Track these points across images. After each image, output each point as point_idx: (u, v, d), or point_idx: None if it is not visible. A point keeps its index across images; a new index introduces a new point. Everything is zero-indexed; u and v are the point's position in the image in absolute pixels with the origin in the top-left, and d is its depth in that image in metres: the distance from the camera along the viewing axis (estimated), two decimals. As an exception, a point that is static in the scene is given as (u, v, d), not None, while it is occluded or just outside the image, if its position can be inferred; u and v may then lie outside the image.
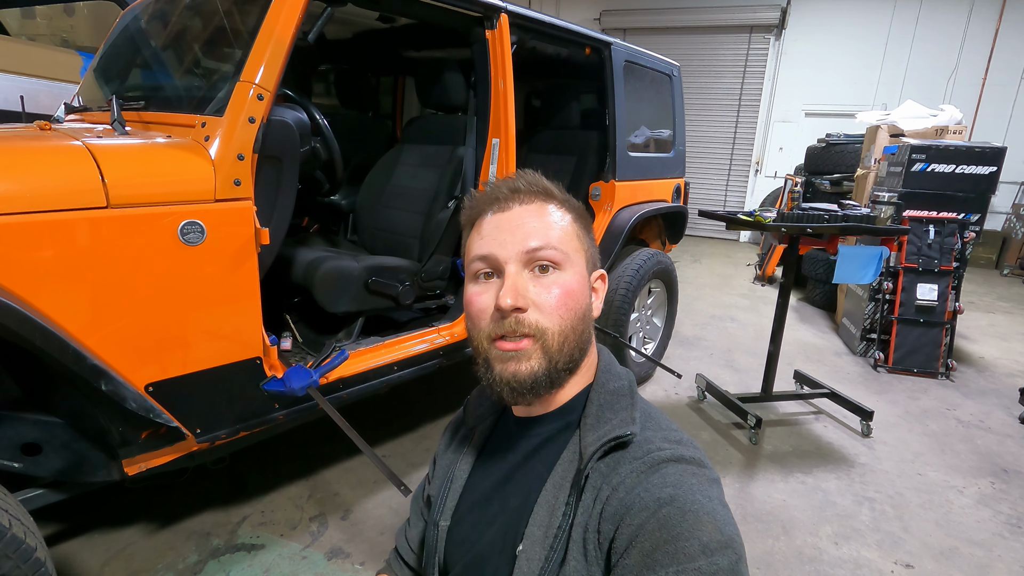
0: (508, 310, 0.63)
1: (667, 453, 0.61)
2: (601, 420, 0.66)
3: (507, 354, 0.65)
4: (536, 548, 0.63)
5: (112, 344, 1.15)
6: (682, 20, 7.91)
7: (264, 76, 1.34)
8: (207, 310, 1.30)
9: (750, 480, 2.11)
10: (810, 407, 2.78)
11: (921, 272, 3.26)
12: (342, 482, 1.98)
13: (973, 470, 2.27)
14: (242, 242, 1.32)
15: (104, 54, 1.93)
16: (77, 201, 1.08)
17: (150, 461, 1.31)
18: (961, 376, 3.26)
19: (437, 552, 0.75)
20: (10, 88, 2.42)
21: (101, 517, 1.73)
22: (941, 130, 3.75)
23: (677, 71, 3.10)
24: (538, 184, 0.71)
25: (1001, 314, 4.74)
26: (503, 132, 2.01)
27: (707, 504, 0.55)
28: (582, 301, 0.68)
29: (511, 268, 0.65)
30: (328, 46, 2.77)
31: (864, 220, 2.33)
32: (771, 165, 8.07)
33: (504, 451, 0.76)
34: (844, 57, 7.40)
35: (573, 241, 0.69)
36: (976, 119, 6.92)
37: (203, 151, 1.27)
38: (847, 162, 4.89)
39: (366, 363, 1.73)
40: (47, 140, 1.20)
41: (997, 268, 6.77)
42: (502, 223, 0.68)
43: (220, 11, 1.57)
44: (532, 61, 2.59)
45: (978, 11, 6.73)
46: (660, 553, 0.52)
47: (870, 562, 1.71)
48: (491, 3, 1.90)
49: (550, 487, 0.66)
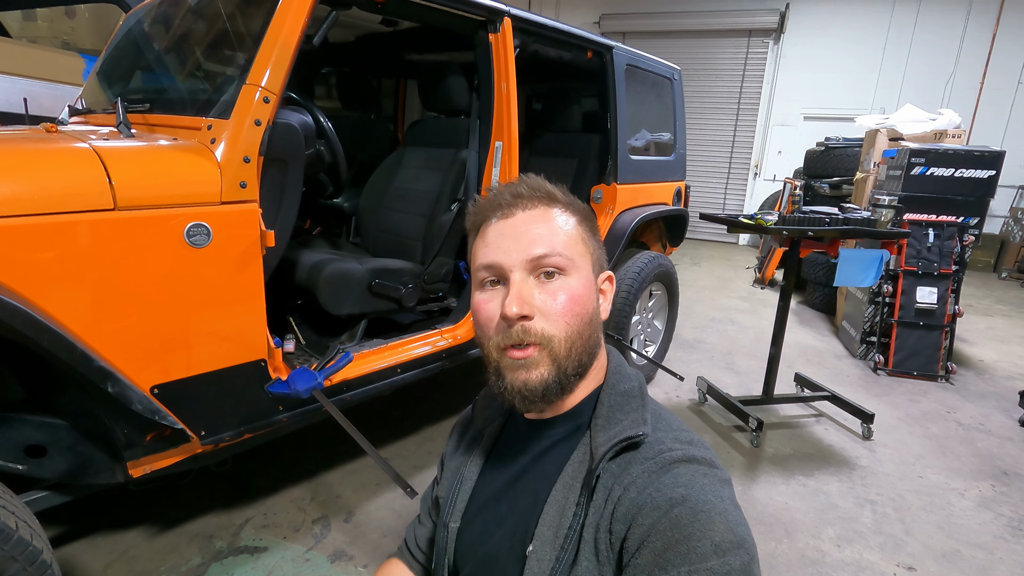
0: (514, 319, 0.64)
1: (678, 453, 0.62)
2: (612, 421, 0.67)
3: (517, 362, 0.65)
4: (547, 548, 0.63)
5: (118, 346, 1.15)
6: (681, 24, 7.94)
7: (270, 79, 1.35)
8: (212, 312, 1.30)
9: (752, 483, 2.12)
10: (811, 410, 2.78)
11: (921, 275, 3.27)
12: (345, 484, 1.98)
13: (974, 473, 2.27)
14: (247, 244, 1.32)
15: (108, 57, 1.93)
16: (84, 203, 1.08)
17: (154, 463, 1.31)
18: (961, 379, 3.27)
19: (447, 553, 0.75)
20: (12, 90, 2.42)
21: (104, 519, 1.73)
22: (940, 134, 3.77)
23: (678, 75, 3.11)
24: (541, 188, 0.70)
25: (1000, 317, 4.76)
26: (506, 135, 2.02)
27: (719, 504, 0.56)
28: (589, 306, 0.68)
29: (516, 276, 0.65)
30: (331, 49, 2.78)
31: (864, 223, 2.34)
32: (770, 168, 8.09)
33: (514, 452, 0.76)
34: (843, 61, 7.44)
35: (578, 245, 0.69)
36: (974, 123, 6.95)
37: (209, 154, 1.28)
38: (846, 165, 4.91)
39: (369, 365, 1.73)
40: (54, 142, 1.20)
41: (995, 271, 6.79)
42: (506, 230, 0.68)
43: (225, 14, 1.58)
44: (534, 64, 2.60)
45: (976, 15, 6.77)
46: (672, 553, 0.52)
47: (872, 564, 1.71)
48: (495, 7, 1.91)
49: (560, 487, 0.66)
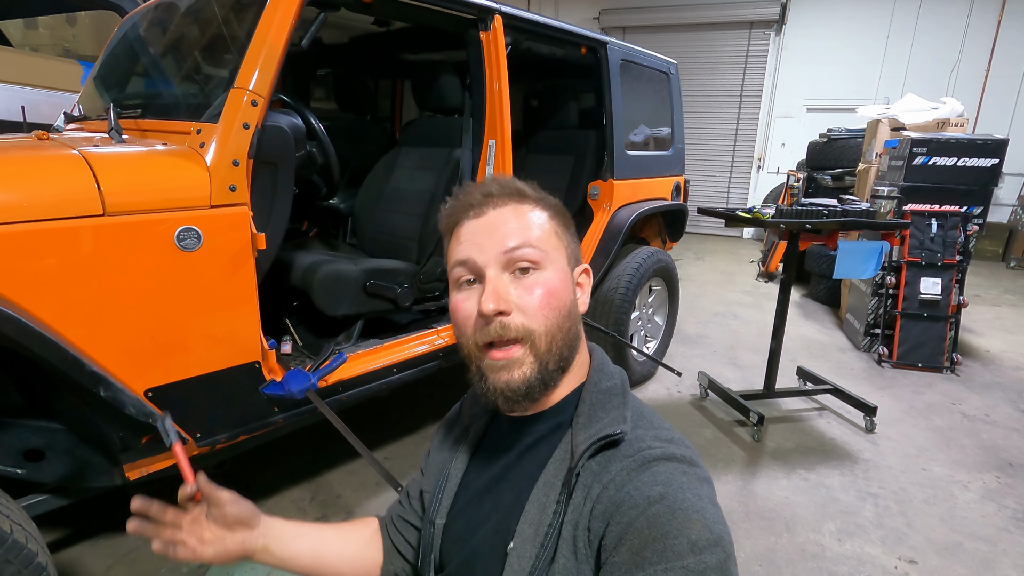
0: (491, 315, 0.63)
1: (658, 451, 0.61)
2: (593, 419, 0.67)
3: (498, 363, 0.65)
4: (527, 546, 0.63)
5: (111, 350, 1.16)
6: (682, 17, 7.89)
7: (258, 82, 1.35)
8: (205, 315, 1.31)
9: (753, 477, 2.11)
10: (813, 403, 2.76)
11: (924, 266, 3.24)
12: (344, 484, 1.99)
13: (978, 465, 2.25)
14: (239, 247, 1.33)
15: (103, 63, 1.94)
16: (74, 209, 1.09)
17: (151, 466, 1.32)
18: (966, 370, 3.24)
19: (433, 550, 0.76)
20: (11, 98, 2.44)
21: (105, 522, 1.74)
22: (942, 123, 3.73)
23: (674, 69, 3.10)
24: (510, 186, 0.71)
25: (1007, 307, 4.71)
26: (499, 133, 2.02)
27: (697, 502, 0.55)
28: (566, 299, 0.68)
29: (491, 272, 0.65)
30: (325, 50, 2.79)
31: (863, 215, 2.32)
32: (773, 161, 8.04)
33: (498, 450, 0.76)
34: (845, 51, 7.37)
35: (552, 239, 0.69)
36: (980, 112, 6.87)
37: (198, 158, 1.28)
38: (849, 157, 4.87)
39: (365, 366, 1.74)
40: (44, 149, 1.21)
41: (1004, 261, 6.71)
42: (479, 228, 0.68)
43: (214, 18, 1.58)
44: (529, 62, 2.60)
45: (980, 2, 6.69)
46: (649, 551, 0.52)
47: (874, 558, 1.70)
48: (485, 5, 1.90)
49: (541, 485, 0.66)
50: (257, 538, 0.75)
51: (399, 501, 0.91)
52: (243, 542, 0.73)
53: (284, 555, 0.77)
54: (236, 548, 0.73)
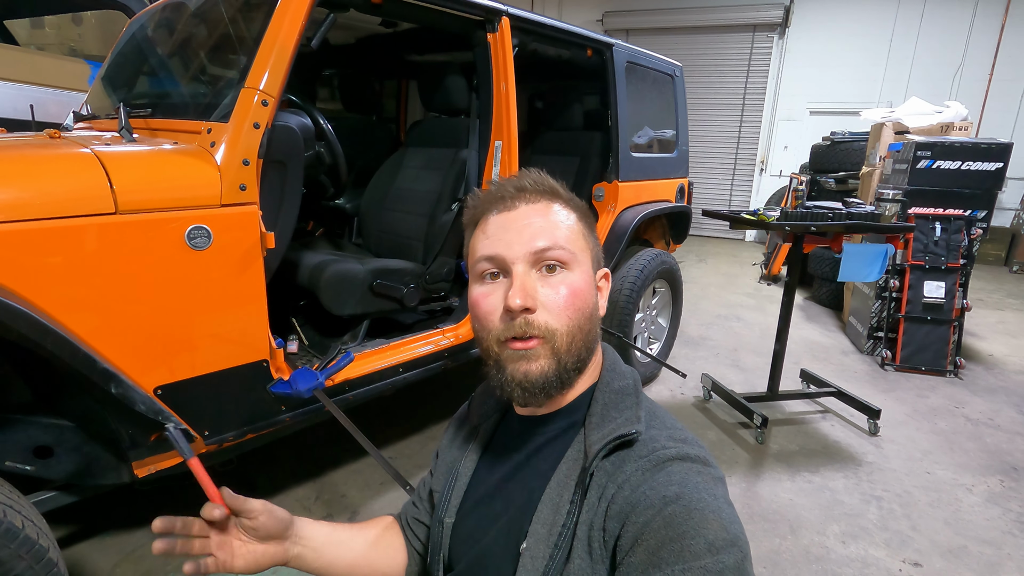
0: (517, 311, 0.63)
1: (672, 451, 0.62)
2: (606, 419, 0.67)
3: (518, 353, 0.65)
4: (540, 546, 0.63)
5: (121, 348, 1.16)
6: (685, 20, 7.90)
7: (268, 82, 1.36)
8: (214, 314, 1.31)
9: (757, 479, 2.11)
10: (817, 406, 2.76)
11: (928, 270, 3.24)
12: (349, 484, 2.00)
13: (982, 468, 2.25)
14: (248, 246, 1.33)
15: (111, 62, 1.95)
16: (86, 208, 1.10)
17: (159, 463, 1.33)
18: (970, 374, 3.24)
19: (442, 549, 0.76)
20: (20, 97, 2.45)
21: (113, 519, 1.75)
22: (946, 127, 3.73)
23: (679, 71, 3.10)
24: (544, 183, 0.70)
25: (1011, 311, 4.70)
26: (505, 134, 2.02)
27: (712, 502, 0.55)
28: (589, 301, 0.68)
29: (519, 268, 0.65)
30: (332, 51, 2.79)
31: (868, 218, 2.32)
32: (776, 164, 8.04)
33: (509, 449, 0.76)
34: (848, 54, 7.37)
35: (579, 240, 0.69)
36: (983, 115, 6.87)
37: (209, 157, 1.29)
38: (852, 160, 4.87)
39: (372, 365, 1.74)
40: (57, 148, 1.21)
41: (1006, 265, 6.71)
42: (508, 223, 0.67)
43: (224, 18, 1.59)
44: (535, 63, 2.60)
45: (983, 6, 6.69)
46: (666, 551, 0.52)
47: (878, 561, 1.70)
48: (492, 6, 1.91)
49: (554, 485, 0.66)
50: (290, 548, 0.74)
51: (412, 502, 0.92)
52: (276, 554, 0.72)
53: (317, 564, 0.76)
54: (268, 560, 0.71)
